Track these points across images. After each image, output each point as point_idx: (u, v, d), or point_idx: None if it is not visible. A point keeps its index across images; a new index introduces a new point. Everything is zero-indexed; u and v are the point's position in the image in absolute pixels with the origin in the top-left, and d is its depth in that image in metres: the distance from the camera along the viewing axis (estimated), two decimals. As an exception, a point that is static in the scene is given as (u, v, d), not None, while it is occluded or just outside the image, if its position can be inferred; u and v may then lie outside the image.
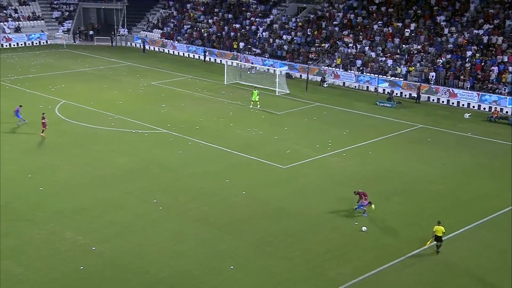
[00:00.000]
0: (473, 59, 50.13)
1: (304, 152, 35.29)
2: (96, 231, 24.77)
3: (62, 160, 32.97)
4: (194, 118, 41.78)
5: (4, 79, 52.75)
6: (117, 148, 35.14)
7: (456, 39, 52.73)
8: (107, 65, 61.35)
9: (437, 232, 23.55)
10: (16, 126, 38.61)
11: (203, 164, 32.97)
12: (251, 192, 29.15)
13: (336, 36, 59.65)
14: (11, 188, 28.96)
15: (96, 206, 27.14)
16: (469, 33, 52.82)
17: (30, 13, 75.38)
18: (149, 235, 24.59)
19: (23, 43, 71.12)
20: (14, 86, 50.22)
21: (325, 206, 27.75)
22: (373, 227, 25.64)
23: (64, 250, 23.16)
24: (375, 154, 35.27)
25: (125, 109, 43.59)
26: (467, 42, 51.97)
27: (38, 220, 25.60)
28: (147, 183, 29.93)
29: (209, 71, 59.51)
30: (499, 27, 52.22)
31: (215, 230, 25.13)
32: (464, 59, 50.47)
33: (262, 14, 68.54)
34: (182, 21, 72.97)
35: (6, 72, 55.44)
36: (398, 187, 30.34)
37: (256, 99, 44.66)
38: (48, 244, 23.53)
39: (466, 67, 49.60)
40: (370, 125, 41.71)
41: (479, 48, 50.94)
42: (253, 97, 44.83)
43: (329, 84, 54.51)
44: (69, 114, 41.56)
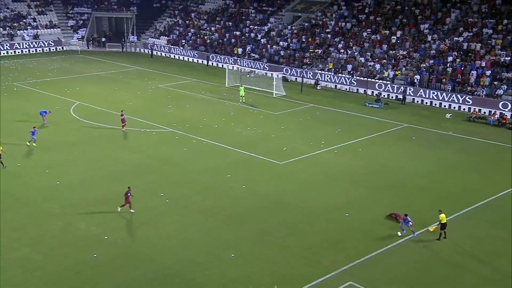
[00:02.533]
0: (454, 64, 49.90)
1: (300, 149, 35.08)
2: (108, 222, 24.54)
3: (77, 157, 32.71)
4: (197, 118, 41.52)
5: (24, 82, 52.41)
6: (126, 146, 34.88)
7: (438, 45, 52.50)
8: (118, 69, 61.02)
9: (443, 220, 23.49)
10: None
11: (206, 160, 32.72)
12: (251, 186, 28.92)
13: (329, 43, 59.38)
14: (30, 182, 28.72)
15: (108, 199, 26.89)
16: (450, 40, 52.59)
17: (48, 21, 74.94)
18: (156, 226, 24.36)
19: (41, 50, 70.74)
20: (33, 89, 49.89)
21: (320, 199, 27.54)
22: (365, 219, 25.42)
23: (78, 239, 22.94)
24: (365, 151, 35.06)
25: (134, 109, 43.30)
26: (448, 49, 51.75)
27: (55, 211, 25.37)
28: (155, 178, 29.69)
29: (211, 74, 59.22)
30: (478, 34, 52.00)
31: (218, 222, 24.90)
32: (446, 64, 50.25)
33: (260, 22, 68.21)
34: (187, 28, 72.60)
35: (26, 76, 55.09)
36: (387, 181, 30.14)
37: (242, 94, 46.72)
38: (64, 234, 23.31)
39: (448, 71, 49.39)
40: (360, 124, 41.49)
41: (459, 54, 50.72)
42: (241, 93, 46.76)
43: (322, 86, 54.27)
44: (83, 114, 41.27)
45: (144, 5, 78.81)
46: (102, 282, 20.08)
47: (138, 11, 77.20)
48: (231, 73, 55.21)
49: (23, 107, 42.83)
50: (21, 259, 21.39)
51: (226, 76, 53.98)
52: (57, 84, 52.43)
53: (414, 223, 23.90)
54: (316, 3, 66.52)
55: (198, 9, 75.50)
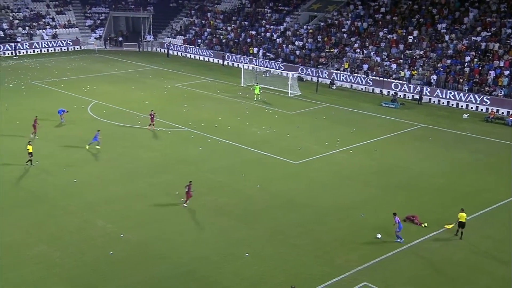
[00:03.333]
0: (472, 64, 49.46)
1: (314, 148, 35.14)
2: (124, 219, 24.91)
3: (94, 155, 33.19)
4: (213, 117, 41.79)
5: (42, 81, 53.24)
6: (143, 144, 35.27)
7: (455, 45, 52.07)
8: (134, 69, 61.60)
9: (461, 219, 23.45)
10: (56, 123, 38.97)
11: (221, 159, 32.97)
12: (265, 185, 29.09)
13: (345, 42, 59.24)
14: (49, 180, 29.25)
15: (124, 197, 27.29)
16: (468, 40, 52.11)
17: (66, 21, 75.92)
18: (171, 223, 24.67)
19: (60, 49, 71.73)
20: (51, 88, 50.66)
21: (333, 198, 27.60)
22: (379, 218, 25.43)
23: (95, 236, 23.33)
24: (380, 151, 34.99)
25: (151, 108, 43.67)
26: (466, 48, 51.28)
27: (73, 209, 25.82)
28: (170, 177, 30.02)
29: (227, 74, 59.47)
30: (496, 34, 51.45)
31: (232, 220, 25.12)
32: (463, 64, 49.82)
33: (276, 22, 68.29)
34: (203, 28, 72.98)
35: (44, 75, 55.93)
36: (401, 181, 30.08)
37: (258, 92, 47.06)
38: (81, 231, 23.72)
39: (465, 71, 48.96)
40: (375, 124, 41.37)
41: (477, 54, 50.25)
42: (256, 91, 47.05)
43: (337, 86, 54.20)
44: (100, 113, 41.82)
45: (161, 5, 79.38)
46: (118, 280, 20.43)
47: (155, 11, 77.81)
48: (247, 73, 55.32)
49: (42, 106, 43.52)
50: (40, 255, 21.84)
51: (242, 75, 54.16)
52: (75, 83, 53.14)
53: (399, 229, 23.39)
54: (332, 3, 66.40)
55: (214, 8, 75.83)
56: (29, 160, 30.80)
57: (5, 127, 37.63)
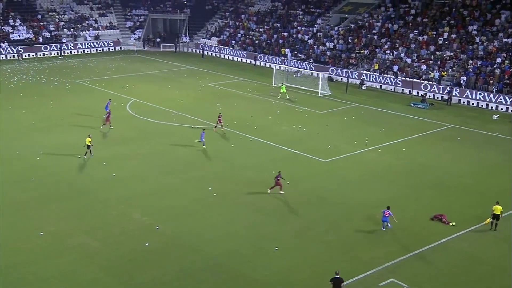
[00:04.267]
0: (502, 66, 48.16)
1: (343, 147, 34.93)
2: (159, 213, 25.28)
3: (132, 151, 33.78)
4: (245, 116, 41.96)
5: (85, 79, 54.48)
6: (178, 141, 35.69)
7: (486, 47, 50.78)
8: (171, 68, 62.36)
9: (496, 211, 23.20)
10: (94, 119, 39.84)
11: (252, 157, 33.10)
12: (295, 182, 29.08)
13: (375, 44, 58.54)
14: (89, 174, 29.94)
15: (160, 191, 27.70)
16: (499, 42, 50.75)
17: (108, 23, 77.40)
18: (204, 217, 24.92)
19: (101, 49, 73.17)
20: (93, 86, 51.79)
21: (361, 196, 27.39)
22: (406, 216, 25.11)
23: (132, 228, 23.76)
24: (408, 151, 34.53)
25: (186, 107, 44.22)
26: (497, 50, 49.95)
27: (111, 202, 26.35)
28: (204, 172, 30.32)
29: (259, 74, 59.57)
30: (528, 35, 49.97)
31: (262, 215, 25.22)
32: (494, 65, 48.56)
33: (307, 23, 67.99)
34: (237, 29, 73.25)
35: (86, 74, 57.21)
36: (429, 180, 29.62)
37: (284, 91, 47.34)
38: (119, 223, 24.19)
39: (496, 73, 47.73)
40: (404, 124, 40.84)
41: (508, 56, 48.89)
42: (282, 90, 47.51)
43: (367, 86, 53.65)
44: (138, 111, 42.52)
45: (197, 7, 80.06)
46: (153, 270, 20.78)
47: (191, 13, 78.53)
48: (278, 73, 55.37)
49: (84, 103, 44.54)
50: (80, 245, 22.40)
51: (273, 75, 54.20)
52: (115, 82, 54.16)
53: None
54: (363, 5, 65.68)
55: (248, 10, 75.99)
56: (87, 152, 31.89)
57: (48, 123, 38.64)
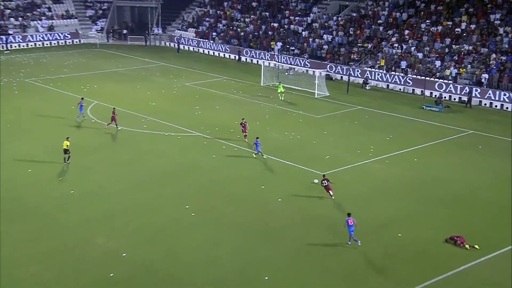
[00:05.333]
0: (530, 61, 49.01)
1: (344, 158, 35.13)
2: (128, 236, 25.17)
3: (94, 163, 33.64)
4: (228, 121, 42.06)
5: (36, 78, 54.22)
6: (149, 151, 35.63)
7: (511, 39, 51.60)
8: (140, 65, 62.36)
9: None
10: (23, 127, 39.61)
11: (237, 169, 33.16)
12: (288, 198, 29.17)
13: (380, 36, 59.17)
14: (41, 192, 29.71)
15: (128, 210, 27.61)
16: (526, 33, 51.69)
17: (64, 11, 77.28)
18: (182, 240, 24.89)
19: (56, 42, 72.91)
20: (46, 86, 51.54)
21: (366, 215, 27.51)
22: (418, 237, 25.32)
23: (94, 255, 23.60)
24: (421, 161, 34.83)
25: (158, 110, 44.20)
26: (523, 42, 50.86)
27: (69, 224, 26.17)
28: (180, 187, 30.29)
29: (245, 72, 59.81)
30: (559, 26, 50.91)
31: (250, 237, 25.26)
32: (520, 61, 49.40)
33: (301, 12, 68.57)
34: (218, 19, 73.59)
35: (39, 72, 56.96)
36: (445, 195, 29.90)
37: (281, 91, 48.14)
38: (79, 250, 24.01)
39: (522, 69, 48.54)
40: (416, 130, 41.20)
41: (536, 49, 49.79)
42: (279, 90, 48.36)
43: (372, 86, 54.12)
44: (101, 116, 42.38)
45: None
46: (120, 303, 20.66)
47: (164, 0, 78.71)
48: (267, 71, 55.62)
49: (36, 106, 44.30)
50: (32, 276, 22.14)
51: (262, 73, 54.44)
52: (73, 81, 53.98)
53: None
54: (366, -10, 66.47)
55: (231, -3, 76.45)
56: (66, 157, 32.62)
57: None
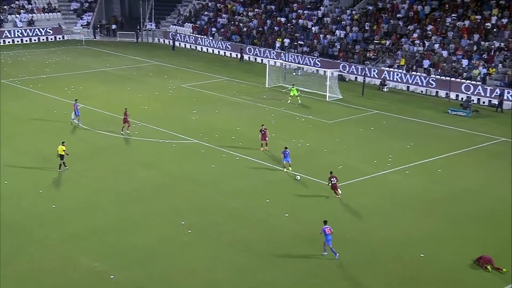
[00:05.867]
0: None
1: (359, 168, 35.09)
2: (116, 256, 25.14)
3: (79, 174, 33.63)
4: (229, 127, 42.07)
5: (14, 79, 54.38)
6: (141, 160, 35.66)
7: (547, 35, 51.67)
8: (131, 64, 62.49)
9: None
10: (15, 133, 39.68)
11: (239, 180, 33.12)
12: (295, 214, 29.12)
13: (400, 32, 59.21)
14: (19, 205, 29.68)
15: (117, 227, 27.58)
16: None
17: (45, 4, 77.64)
18: (176, 262, 24.83)
19: (37, 39, 73.19)
20: (25, 88, 51.67)
21: (384, 232, 27.46)
22: (443, 259, 25.23)
23: (78, 278, 23.55)
24: (446, 172, 34.78)
25: (151, 115, 44.26)
26: (561, 39, 50.84)
27: (50, 242, 26.14)
28: (175, 201, 30.26)
29: (248, 72, 59.89)
30: None
31: (253, 258, 25.19)
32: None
33: (311, 5, 68.71)
34: (218, 13, 73.80)
35: (17, 72, 57.15)
36: (473, 210, 29.83)
37: (295, 94, 48.06)
38: (61, 271, 23.96)
39: (560, 69, 48.49)
40: (439, 137, 41.18)
41: None
42: (292, 93, 48.30)
43: (390, 88, 54.11)
44: (87, 121, 42.44)
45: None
46: (107, 331, 20.61)
47: (157, -8, 79.09)
48: (273, 70, 55.68)
49: (13, 110, 44.38)
50: (8, 299, 22.17)
51: (267, 73, 54.51)
52: (56, 81, 54.11)
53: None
54: (384, -19, 66.61)
55: (233, -12, 76.73)
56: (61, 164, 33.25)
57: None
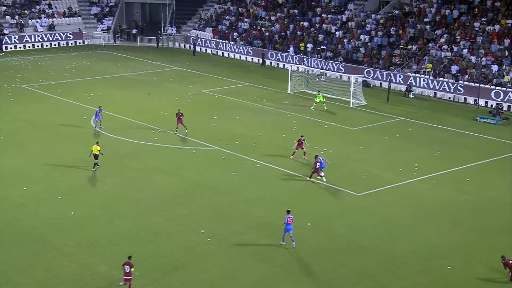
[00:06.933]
0: None
1: (384, 176, 34.87)
2: (134, 265, 25.13)
3: (98, 180, 33.82)
4: (250, 133, 42.05)
5: (34, 84, 54.89)
6: (160, 167, 35.73)
7: None
8: (151, 70, 62.78)
9: None
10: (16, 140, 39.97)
11: (260, 188, 33.05)
12: (318, 223, 28.98)
13: (427, 37, 58.83)
14: (38, 212, 29.88)
15: (135, 235, 27.63)
16: None
17: (66, 8, 78.38)
18: (195, 271, 24.79)
19: (57, 44, 73.83)
20: (45, 93, 52.13)
21: (410, 243, 27.22)
22: (472, 270, 24.92)
23: (96, 286, 23.62)
24: (475, 181, 34.46)
25: (171, 121, 44.34)
26: None
27: (68, 250, 26.25)
28: (195, 209, 30.26)
29: (269, 77, 59.86)
30: None
31: (275, 268, 25.07)
32: None
33: (335, 9, 68.55)
34: (240, 18, 73.92)
35: (37, 77, 57.69)
36: (503, 221, 29.47)
37: (321, 100, 48.21)
38: (79, 279, 24.06)
39: None
40: (468, 145, 40.85)
41: None
42: (318, 99, 48.43)
43: (416, 94, 53.76)
44: (106, 126, 42.67)
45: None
46: None
47: (179, -4, 79.44)
48: (295, 76, 55.62)
49: (33, 116, 44.79)
50: (25, 307, 22.25)
51: (289, 79, 54.47)
52: (76, 87, 54.52)
53: None
54: (410, -16, 66.29)
55: (255, -8, 76.83)
56: (95, 163, 34.28)
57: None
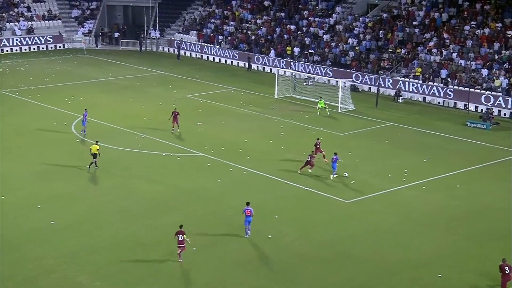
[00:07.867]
0: None
1: (373, 183, 34.93)
2: (117, 276, 25.01)
3: (79, 188, 33.60)
4: (237, 139, 42.00)
5: (12, 89, 54.51)
6: (144, 174, 35.59)
7: None
8: (134, 74, 62.58)
9: None
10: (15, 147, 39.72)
11: (247, 195, 32.80)
12: (306, 231, 28.95)
13: (416, 40, 59.09)
14: (16, 221, 29.60)
15: (118, 244, 27.46)
16: None
17: (45, 11, 78.01)
18: (180, 281, 24.69)
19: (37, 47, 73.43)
20: (24, 98, 51.77)
21: (401, 251, 27.27)
22: (463, 278, 24.98)
23: (77, 297, 23.47)
24: (466, 187, 34.59)
25: (154, 127, 44.24)
26: None
27: (49, 260, 26.03)
28: (179, 217, 30.09)
29: (256, 81, 59.89)
30: None
31: (262, 278, 25.00)
32: None
33: (323, 12, 68.74)
34: (225, 21, 73.94)
35: (15, 82, 57.27)
36: (496, 229, 29.57)
37: (323, 106, 48.64)
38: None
39: None
40: (458, 151, 41.00)
41: None
42: (320, 105, 48.73)
43: (405, 99, 53.95)
44: (88, 132, 42.43)
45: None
46: None
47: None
48: (283, 80, 55.68)
49: (11, 121, 44.42)
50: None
51: (276, 84, 54.52)
52: (56, 92, 54.22)
53: None
54: (398, -13, 66.63)
55: (241, -5, 76.90)
56: (92, 163, 35.24)
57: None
